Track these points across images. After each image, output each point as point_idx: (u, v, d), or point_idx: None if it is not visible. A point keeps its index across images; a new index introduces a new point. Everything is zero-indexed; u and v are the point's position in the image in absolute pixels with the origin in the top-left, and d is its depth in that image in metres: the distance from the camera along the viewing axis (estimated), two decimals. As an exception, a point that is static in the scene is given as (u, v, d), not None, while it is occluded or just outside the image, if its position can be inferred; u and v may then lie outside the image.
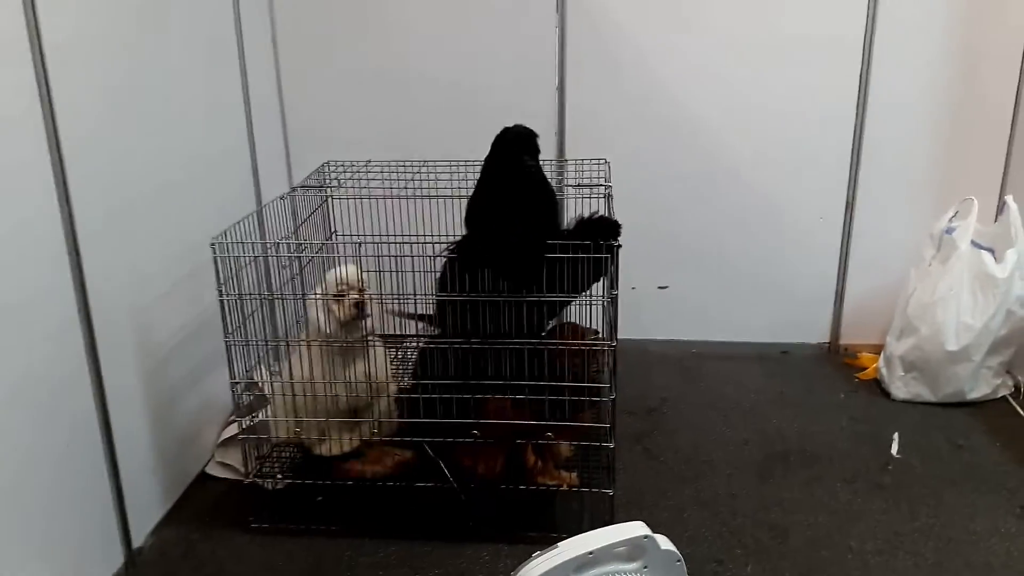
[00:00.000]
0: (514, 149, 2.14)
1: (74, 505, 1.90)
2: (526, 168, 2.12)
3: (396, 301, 2.16)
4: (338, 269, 2.22)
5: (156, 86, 2.24)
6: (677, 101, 3.04)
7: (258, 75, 2.87)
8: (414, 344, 2.41)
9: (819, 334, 3.27)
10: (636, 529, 1.55)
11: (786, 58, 2.95)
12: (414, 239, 2.09)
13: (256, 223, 2.26)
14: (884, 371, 2.96)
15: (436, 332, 2.21)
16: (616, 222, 2.03)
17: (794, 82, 2.98)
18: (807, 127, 3.02)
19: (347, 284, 2.20)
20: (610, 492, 2.16)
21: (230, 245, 2.03)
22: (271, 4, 3.01)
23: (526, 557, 1.57)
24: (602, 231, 2.00)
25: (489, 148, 2.19)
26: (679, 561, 1.58)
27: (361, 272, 2.21)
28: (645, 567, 1.55)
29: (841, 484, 2.42)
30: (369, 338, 2.27)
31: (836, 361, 3.21)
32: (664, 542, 1.56)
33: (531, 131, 2.19)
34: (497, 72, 3.02)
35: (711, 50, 2.98)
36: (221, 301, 2.06)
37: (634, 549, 1.55)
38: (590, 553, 1.51)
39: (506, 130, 2.18)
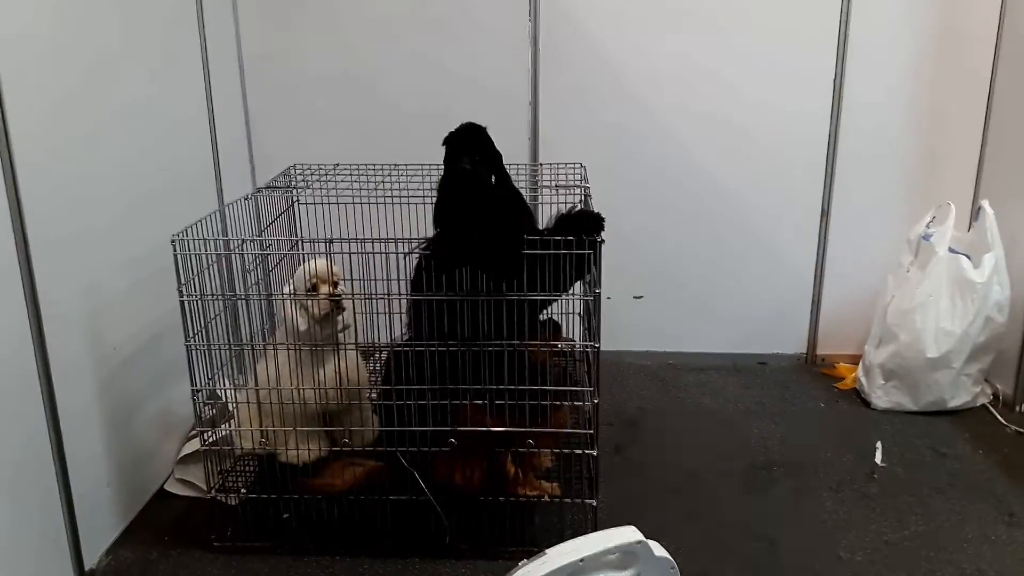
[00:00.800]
0: (451, 152, 2.07)
1: (21, 522, 1.77)
2: (460, 171, 2.04)
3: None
4: (309, 263, 2.11)
5: (112, 79, 2.14)
6: (651, 112, 3.01)
7: (221, 74, 2.77)
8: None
9: (796, 344, 3.23)
10: (628, 534, 1.47)
11: (760, 67, 2.94)
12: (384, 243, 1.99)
13: (219, 224, 2.15)
14: (863, 380, 2.92)
15: (408, 335, 2.11)
16: (599, 215, 1.95)
17: (768, 92, 2.96)
18: (781, 136, 3.00)
19: (319, 278, 2.09)
20: (593, 502, 2.07)
21: (192, 242, 1.92)
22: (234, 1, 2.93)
23: (505, 573, 1.48)
24: (584, 226, 1.92)
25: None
26: (673, 568, 1.51)
27: (333, 265, 2.11)
28: (638, 575, 1.47)
29: (827, 493, 2.36)
30: (343, 339, 2.16)
31: (813, 371, 3.17)
32: (657, 548, 1.49)
33: (471, 128, 2.10)
34: (469, 79, 2.96)
35: (685, 62, 2.95)
36: (182, 302, 1.94)
37: (626, 556, 1.47)
38: (581, 560, 1.43)
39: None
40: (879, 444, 2.60)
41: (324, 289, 2.09)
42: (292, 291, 2.10)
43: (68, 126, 1.94)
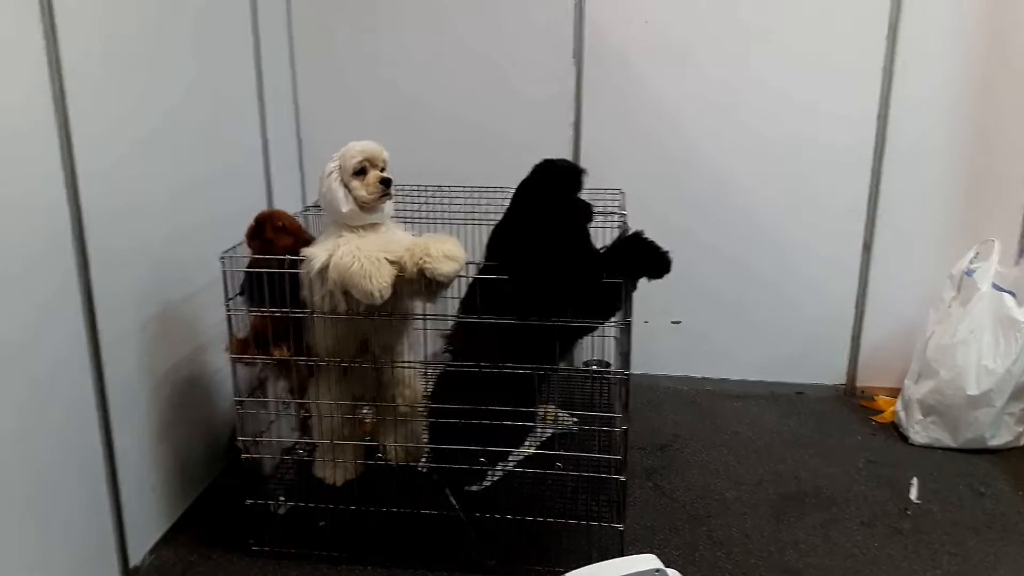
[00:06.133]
0: (558, 183, 2.07)
1: (72, 517, 1.86)
2: (586, 205, 2.07)
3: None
4: (358, 142, 1.99)
5: (171, 98, 2.25)
6: (692, 139, 3.03)
7: (275, 95, 2.89)
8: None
9: (835, 375, 3.21)
10: (647, 562, 1.49)
11: (804, 97, 2.94)
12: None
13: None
14: (902, 415, 2.89)
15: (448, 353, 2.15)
16: (666, 257, 1.97)
17: (812, 121, 2.96)
18: (825, 165, 3.00)
19: (368, 160, 1.98)
20: (620, 527, 2.10)
21: (240, 260, 2.01)
22: (290, 32, 3.05)
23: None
24: (650, 264, 1.95)
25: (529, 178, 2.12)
26: (692, 597, 1.52)
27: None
28: (656, 603, 1.49)
29: (858, 527, 2.35)
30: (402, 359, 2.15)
31: (852, 403, 3.14)
32: (677, 576, 1.50)
33: (578, 168, 2.12)
34: (515, 104, 3.03)
35: (727, 89, 2.97)
36: (229, 316, 2.02)
37: (645, 583, 1.49)
38: (600, 585, 1.45)
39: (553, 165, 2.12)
40: (915, 480, 2.58)
41: (373, 173, 1.99)
42: (338, 167, 1.99)
43: (126, 146, 2.04)
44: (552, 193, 2.04)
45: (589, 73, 3.00)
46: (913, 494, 2.52)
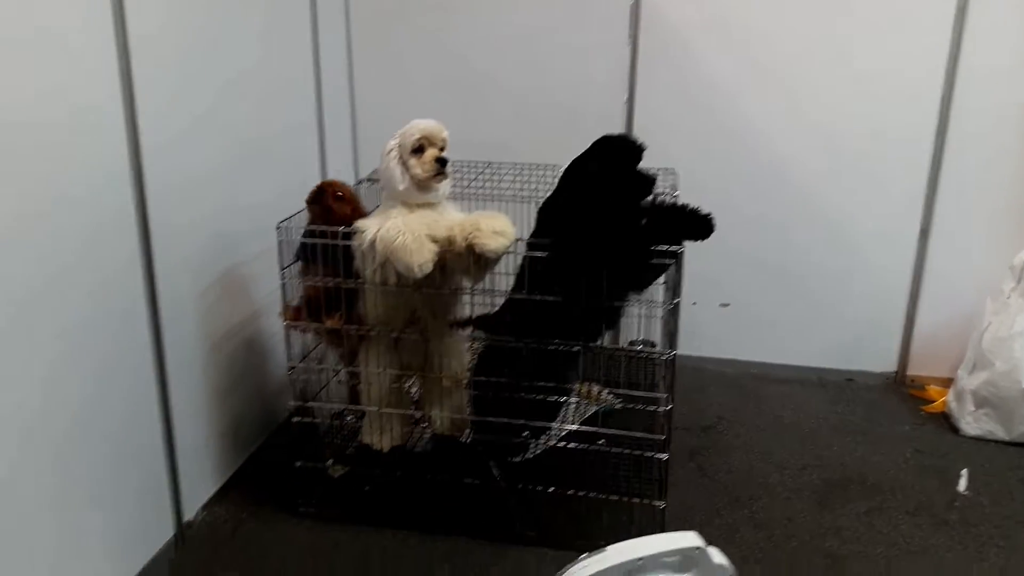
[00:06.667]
0: (621, 157, 2.07)
1: (130, 472, 1.93)
2: (653, 177, 2.05)
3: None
4: (419, 121, 2.02)
5: (231, 73, 2.29)
6: (747, 119, 2.98)
7: (330, 71, 2.94)
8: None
9: (886, 363, 3.16)
10: (689, 539, 1.50)
11: (862, 77, 2.87)
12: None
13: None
14: (954, 405, 2.84)
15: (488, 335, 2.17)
16: (708, 216, 1.96)
17: (871, 102, 2.89)
18: (883, 148, 2.93)
19: (427, 138, 2.01)
20: (661, 504, 2.11)
21: (296, 229, 2.05)
22: (347, 9, 3.08)
23: (569, 563, 1.53)
24: (693, 225, 1.94)
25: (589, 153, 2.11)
26: (732, 576, 1.53)
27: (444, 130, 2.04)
28: (696, 579, 1.50)
29: (903, 516, 2.32)
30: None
31: (902, 392, 3.09)
32: (717, 555, 1.51)
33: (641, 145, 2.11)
34: (567, 82, 3.02)
35: (783, 67, 2.92)
36: (283, 284, 2.08)
37: (685, 560, 1.50)
38: (639, 559, 1.47)
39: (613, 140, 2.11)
40: (964, 471, 2.54)
41: (431, 152, 2.02)
42: (398, 145, 2.03)
43: (186, 116, 2.08)
44: (614, 167, 2.03)
45: (644, 49, 2.97)
46: (962, 485, 2.48)
